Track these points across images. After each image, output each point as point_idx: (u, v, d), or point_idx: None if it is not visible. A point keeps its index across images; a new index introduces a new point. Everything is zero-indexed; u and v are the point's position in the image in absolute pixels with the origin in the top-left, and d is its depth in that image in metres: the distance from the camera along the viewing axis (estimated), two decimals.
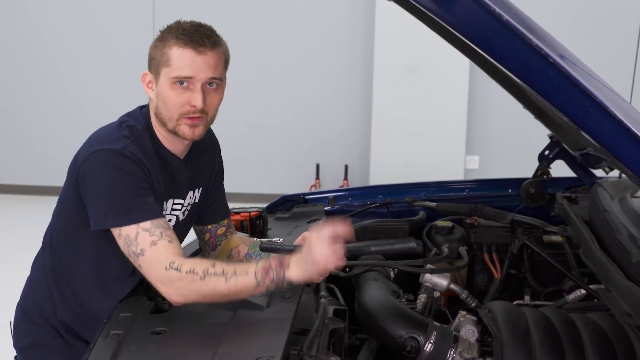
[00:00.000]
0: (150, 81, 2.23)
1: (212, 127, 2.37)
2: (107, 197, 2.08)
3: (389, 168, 8.31)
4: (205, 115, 2.21)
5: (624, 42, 6.68)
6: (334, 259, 1.98)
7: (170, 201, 2.31)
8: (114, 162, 2.08)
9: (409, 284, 2.91)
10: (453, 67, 8.09)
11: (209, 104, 2.20)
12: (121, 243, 2.07)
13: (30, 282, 2.43)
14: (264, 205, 3.35)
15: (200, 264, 2.03)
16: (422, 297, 2.76)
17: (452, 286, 2.75)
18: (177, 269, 2.01)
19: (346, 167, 8.69)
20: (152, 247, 2.04)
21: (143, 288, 2.25)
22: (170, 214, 2.32)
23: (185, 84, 2.16)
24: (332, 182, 8.43)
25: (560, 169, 3.54)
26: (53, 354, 2.33)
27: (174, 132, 2.22)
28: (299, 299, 2.17)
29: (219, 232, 2.58)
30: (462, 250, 3.11)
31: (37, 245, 2.41)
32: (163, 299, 2.18)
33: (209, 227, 2.58)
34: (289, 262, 2.03)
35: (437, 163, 8.31)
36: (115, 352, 1.88)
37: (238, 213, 3.02)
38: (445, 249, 3.10)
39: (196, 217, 2.50)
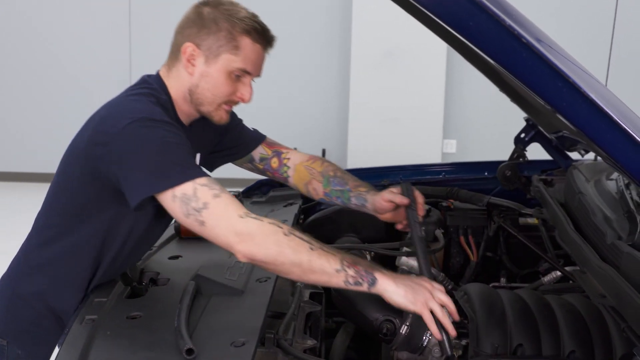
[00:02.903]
0: (193, 55, 2.15)
1: None
2: (156, 161, 1.94)
3: (366, 153, 8.31)
4: None
5: (600, 28, 6.69)
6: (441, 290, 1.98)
7: None
8: (156, 127, 1.98)
9: (386, 266, 2.90)
10: (430, 53, 8.09)
11: None
12: (176, 205, 1.92)
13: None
14: (240, 189, 3.34)
15: (285, 224, 1.96)
16: None
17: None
18: (256, 218, 1.93)
19: (323, 151, 8.68)
20: (216, 199, 1.92)
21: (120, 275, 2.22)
22: None
23: (240, 76, 2.15)
24: None
25: (536, 152, 3.55)
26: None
27: (206, 114, 2.21)
28: (274, 283, 2.17)
29: (273, 165, 2.55)
30: (439, 233, 3.11)
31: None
32: (139, 283, 2.16)
33: (259, 165, 2.55)
34: (380, 269, 1.99)
35: (415, 147, 8.32)
36: (90, 338, 1.86)
37: None
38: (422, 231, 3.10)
39: None
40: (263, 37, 2.17)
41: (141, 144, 1.94)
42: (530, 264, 3.27)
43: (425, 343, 2.11)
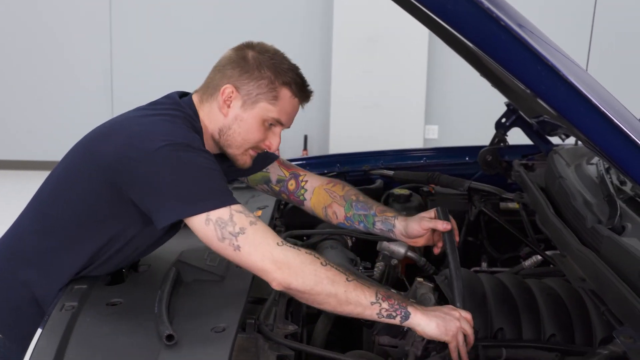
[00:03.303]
0: (230, 97, 2.13)
1: None
2: (192, 185, 1.92)
3: (348, 138, 8.30)
4: None
5: (581, 15, 6.71)
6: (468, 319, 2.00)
7: None
8: (194, 153, 1.96)
9: (367, 252, 2.91)
10: (412, 39, 8.08)
11: None
12: (209, 229, 1.90)
13: None
14: None
15: (317, 254, 1.97)
16: (379, 265, 2.76)
17: (410, 254, 2.75)
18: (293, 247, 1.92)
19: (305, 137, 8.67)
20: (252, 226, 1.91)
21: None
22: None
23: (272, 126, 2.16)
24: (291, 152, 8.40)
25: (517, 137, 3.55)
26: None
27: (232, 156, 2.20)
28: None
29: (290, 187, 2.52)
30: None
31: None
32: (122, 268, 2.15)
33: (276, 187, 2.52)
34: (412, 303, 2.00)
35: (397, 133, 8.32)
36: (69, 325, 1.85)
37: None
38: None
39: None
40: (302, 92, 2.18)
41: (177, 167, 1.93)
42: (511, 248, 3.28)
43: (406, 328, 2.11)
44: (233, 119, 2.14)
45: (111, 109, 8.47)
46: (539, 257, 2.89)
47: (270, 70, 2.12)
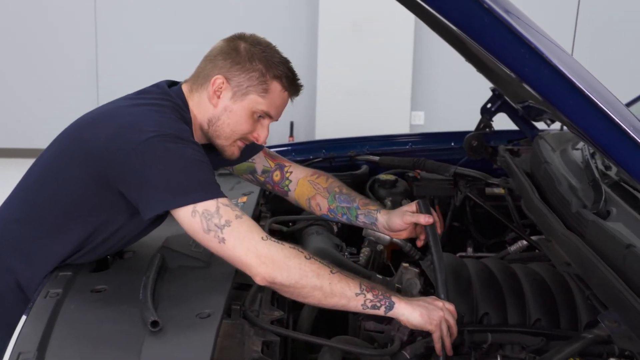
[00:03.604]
0: (221, 88, 2.13)
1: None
2: (179, 176, 1.92)
3: (334, 125, 8.30)
4: None
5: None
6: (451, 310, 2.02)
7: None
8: (183, 144, 1.95)
9: (352, 237, 2.91)
10: (398, 25, 8.07)
11: None
12: (195, 221, 1.89)
13: None
14: None
15: (302, 249, 1.97)
16: (365, 251, 2.76)
17: (395, 239, 2.75)
18: (277, 242, 1.92)
19: (291, 124, 8.66)
20: (238, 220, 1.90)
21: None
22: None
23: (261, 118, 2.16)
24: (277, 139, 8.34)
25: (503, 122, 3.55)
26: None
27: (220, 147, 2.20)
28: None
29: (275, 178, 2.52)
30: (405, 203, 3.12)
31: None
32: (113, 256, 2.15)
33: (260, 177, 2.52)
34: (396, 294, 2.02)
35: (383, 119, 8.32)
36: (54, 311, 1.84)
37: None
38: (388, 202, 3.11)
39: None
40: (293, 85, 2.18)
41: (165, 158, 1.92)
42: (497, 233, 3.29)
43: None
44: (222, 110, 2.14)
45: (97, 97, 8.44)
46: (525, 242, 2.90)
47: (262, 63, 2.12)
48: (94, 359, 1.69)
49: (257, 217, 2.73)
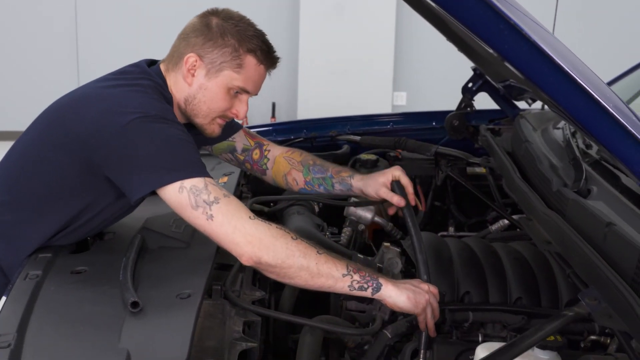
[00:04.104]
0: (194, 67, 2.10)
1: None
2: (166, 155, 1.91)
3: (316, 106, 8.29)
4: None
5: None
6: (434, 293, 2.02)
7: None
8: (167, 124, 1.95)
9: (334, 217, 2.91)
10: (380, 5, 8.09)
11: None
12: (183, 196, 1.87)
13: None
14: None
15: (287, 229, 1.96)
16: (346, 231, 2.76)
17: (377, 219, 2.75)
18: (264, 222, 1.91)
19: (273, 104, 8.65)
20: (226, 198, 1.90)
21: None
22: None
23: (238, 93, 2.13)
24: (259, 119, 8.36)
25: (484, 102, 3.55)
26: None
27: (199, 126, 2.18)
28: None
29: (255, 156, 2.51)
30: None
31: None
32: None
33: (240, 156, 2.51)
34: (383, 275, 2.02)
35: (365, 100, 8.31)
36: (33, 293, 1.83)
37: None
38: None
39: None
40: (268, 58, 2.15)
41: (150, 139, 1.91)
42: (478, 212, 3.29)
43: None
44: (198, 88, 2.12)
45: (77, 78, 8.37)
46: (506, 221, 2.91)
47: (235, 37, 2.09)
48: (74, 340, 1.67)
49: (238, 198, 2.71)
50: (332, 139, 3.56)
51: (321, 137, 3.56)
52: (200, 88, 2.12)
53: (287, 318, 2.11)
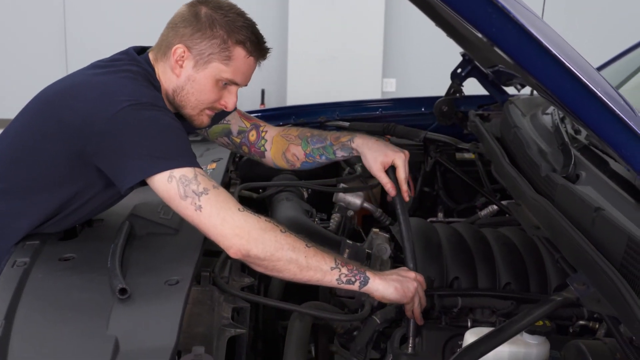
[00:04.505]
0: (182, 58, 2.07)
1: None
2: (157, 143, 1.89)
3: (306, 93, 8.26)
4: None
5: None
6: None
7: None
8: (159, 111, 1.94)
9: (323, 203, 2.90)
10: None
11: None
12: (172, 186, 1.86)
13: None
14: None
15: (277, 221, 1.96)
16: (335, 217, 2.76)
17: (366, 205, 2.75)
18: (253, 214, 1.90)
19: (263, 91, 8.62)
20: (215, 189, 1.89)
21: None
22: None
23: (227, 85, 2.10)
24: (248, 107, 8.28)
25: (473, 88, 3.55)
26: None
27: (188, 117, 2.15)
28: None
29: (251, 137, 2.47)
30: None
31: None
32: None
33: (236, 139, 2.47)
34: (370, 269, 2.02)
35: (354, 86, 8.30)
36: (21, 281, 1.83)
37: None
38: (358, 167, 3.10)
39: None
40: (258, 49, 2.11)
41: (141, 127, 1.90)
42: (467, 198, 3.30)
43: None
44: (186, 80, 2.09)
45: (65, 66, 8.33)
46: (495, 206, 2.91)
47: (224, 28, 2.05)
48: (62, 327, 1.67)
49: (226, 184, 2.71)
50: (320, 125, 3.55)
51: (310, 123, 3.55)
52: (189, 80, 2.09)
53: (276, 304, 2.11)
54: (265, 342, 2.38)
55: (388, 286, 1.96)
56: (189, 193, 1.86)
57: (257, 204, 2.72)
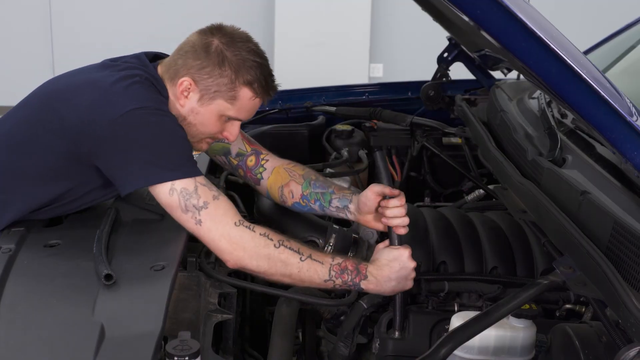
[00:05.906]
0: (188, 90, 2.05)
1: None
2: (159, 151, 1.91)
3: (292, 78, 8.17)
4: None
5: None
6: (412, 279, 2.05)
7: None
8: (165, 118, 1.96)
9: None
10: None
11: None
12: (174, 199, 1.91)
13: None
14: None
15: (273, 232, 1.98)
16: None
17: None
18: (249, 228, 1.94)
19: None
20: (215, 201, 1.94)
21: None
22: None
23: (230, 119, 2.10)
24: None
25: (460, 72, 3.54)
26: None
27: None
28: None
29: (249, 163, 2.40)
30: (362, 153, 3.12)
31: None
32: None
33: (234, 160, 2.41)
34: (366, 269, 2.02)
35: (341, 72, 8.28)
36: (6, 267, 1.82)
37: None
38: (345, 152, 3.10)
39: None
40: (264, 91, 2.10)
41: (145, 131, 1.92)
42: (454, 183, 3.30)
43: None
44: (189, 111, 2.07)
45: (52, 61, 8.27)
46: (481, 191, 2.92)
47: (233, 67, 2.03)
48: (48, 313, 1.66)
49: (213, 170, 2.70)
50: (307, 110, 3.54)
51: (296, 108, 3.54)
52: (192, 111, 2.07)
53: (263, 289, 2.10)
54: (252, 328, 2.38)
55: (383, 289, 2.02)
56: (190, 207, 1.91)
57: (244, 189, 2.71)
